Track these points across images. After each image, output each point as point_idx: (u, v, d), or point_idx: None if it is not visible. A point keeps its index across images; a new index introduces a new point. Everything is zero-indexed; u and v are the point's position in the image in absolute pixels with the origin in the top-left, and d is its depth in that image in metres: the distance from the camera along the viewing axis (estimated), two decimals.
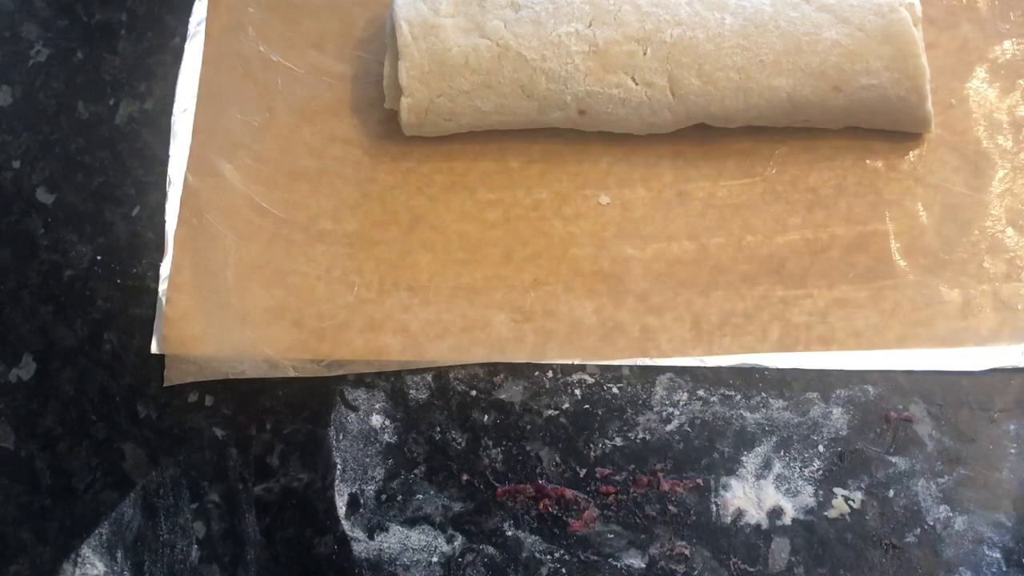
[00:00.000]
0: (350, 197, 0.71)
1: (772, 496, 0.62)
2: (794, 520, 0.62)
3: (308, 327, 0.67)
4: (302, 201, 0.71)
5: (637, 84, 0.67)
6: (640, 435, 0.64)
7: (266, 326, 0.67)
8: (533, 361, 0.66)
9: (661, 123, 0.68)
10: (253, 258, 0.69)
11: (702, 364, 0.65)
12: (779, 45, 0.66)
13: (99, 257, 0.71)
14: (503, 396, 0.65)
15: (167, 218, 0.70)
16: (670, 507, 0.62)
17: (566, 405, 0.65)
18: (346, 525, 0.63)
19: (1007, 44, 0.72)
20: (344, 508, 0.63)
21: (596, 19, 0.67)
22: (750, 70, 0.66)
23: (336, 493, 0.64)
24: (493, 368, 0.66)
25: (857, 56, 0.66)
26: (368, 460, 0.64)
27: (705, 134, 0.70)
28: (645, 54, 0.66)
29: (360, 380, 0.66)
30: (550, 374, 0.66)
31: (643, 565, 0.61)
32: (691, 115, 0.68)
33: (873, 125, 0.68)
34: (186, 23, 0.75)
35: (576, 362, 0.66)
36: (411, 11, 0.68)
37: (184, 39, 0.75)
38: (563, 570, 0.61)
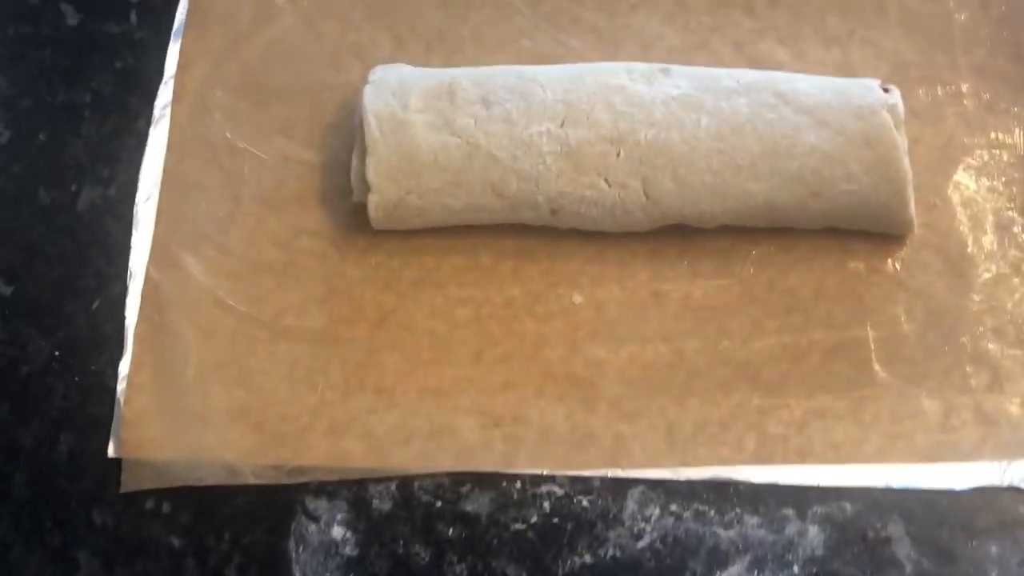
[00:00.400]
0: (316, 292, 0.69)
1: None
2: None
3: (270, 430, 0.65)
4: (267, 296, 0.69)
5: (610, 186, 0.65)
6: (610, 552, 0.62)
7: (227, 429, 0.65)
8: (501, 470, 0.64)
9: (635, 224, 0.67)
10: (215, 356, 0.67)
11: (675, 477, 0.63)
12: (756, 149, 0.64)
13: (58, 352, 0.69)
14: (469, 508, 0.63)
15: (127, 313, 0.68)
16: None
17: (534, 519, 0.63)
18: None
19: (993, 139, 0.70)
20: None
21: (568, 118, 0.65)
22: (726, 174, 0.64)
23: None
24: (459, 477, 0.64)
25: (837, 161, 0.64)
26: (328, 574, 0.62)
27: (681, 232, 0.68)
28: (619, 155, 0.65)
29: (322, 488, 0.64)
30: (518, 484, 0.64)
31: None
32: (666, 216, 0.66)
33: (854, 227, 0.67)
34: (151, 105, 0.74)
35: (546, 472, 0.64)
36: (380, 105, 0.67)
37: (149, 122, 0.73)
38: None
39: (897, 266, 0.67)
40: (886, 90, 0.66)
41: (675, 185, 0.64)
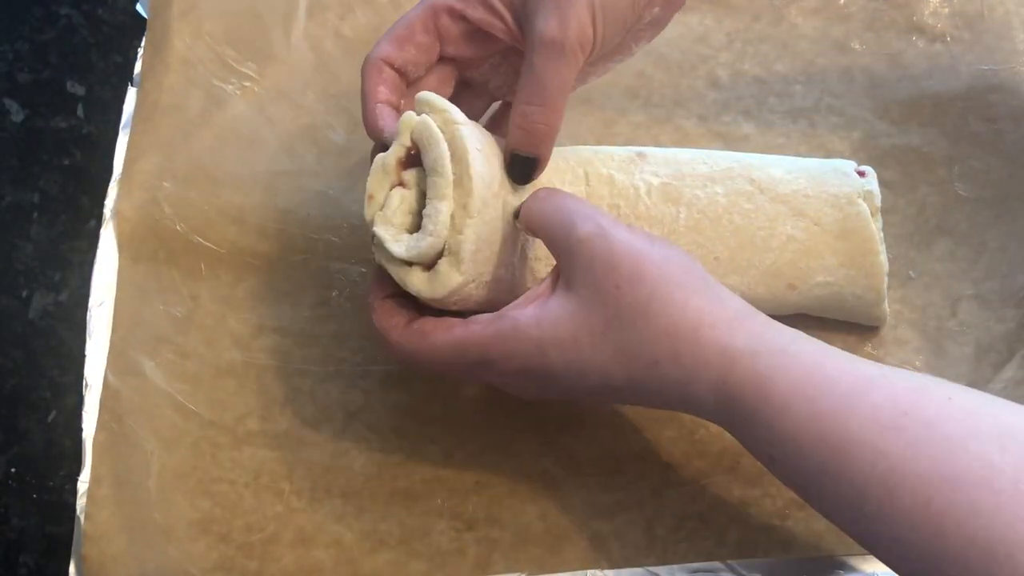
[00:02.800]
0: (279, 393, 0.67)
1: None
2: None
3: (235, 541, 0.64)
4: (228, 399, 0.67)
5: None
6: None
7: (191, 542, 0.64)
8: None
9: None
10: (177, 465, 0.66)
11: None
12: (733, 242, 0.63)
13: (13, 469, 0.67)
14: None
15: (85, 425, 0.66)
16: None
17: None
18: None
19: (968, 205, 0.70)
20: None
21: None
22: (704, 267, 0.62)
23: None
24: None
25: (812, 253, 0.63)
26: None
27: None
28: None
29: None
30: None
31: None
32: None
33: (826, 316, 0.66)
34: (102, 205, 0.72)
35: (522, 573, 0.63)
36: (485, 169, 0.58)
37: (100, 222, 0.71)
38: None
39: (873, 344, 0.66)
40: (861, 173, 0.65)
41: None
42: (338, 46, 0.76)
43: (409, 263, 0.57)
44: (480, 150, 0.57)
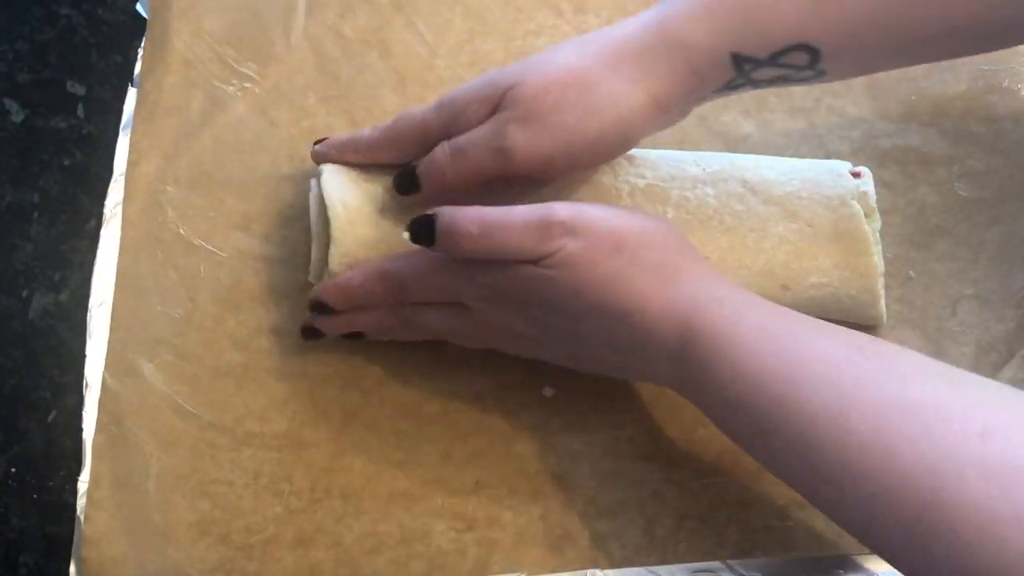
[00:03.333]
0: (278, 394, 0.67)
1: None
2: None
3: (235, 543, 0.64)
4: (227, 401, 0.67)
5: None
6: None
7: (191, 544, 0.64)
8: None
9: None
10: (176, 467, 0.66)
11: None
12: (723, 242, 0.63)
13: (13, 469, 0.67)
14: None
15: (85, 425, 0.67)
16: None
17: None
18: None
19: (967, 204, 0.70)
20: None
21: None
22: None
23: None
24: None
25: (806, 254, 0.63)
26: None
27: None
28: None
29: None
30: None
31: None
32: None
33: (822, 317, 0.65)
34: (102, 205, 0.72)
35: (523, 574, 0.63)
36: (347, 193, 0.65)
37: (100, 222, 0.72)
38: None
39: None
40: (856, 174, 0.65)
41: None
42: (338, 46, 0.76)
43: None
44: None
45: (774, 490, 0.63)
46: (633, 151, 0.65)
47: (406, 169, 0.64)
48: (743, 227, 0.63)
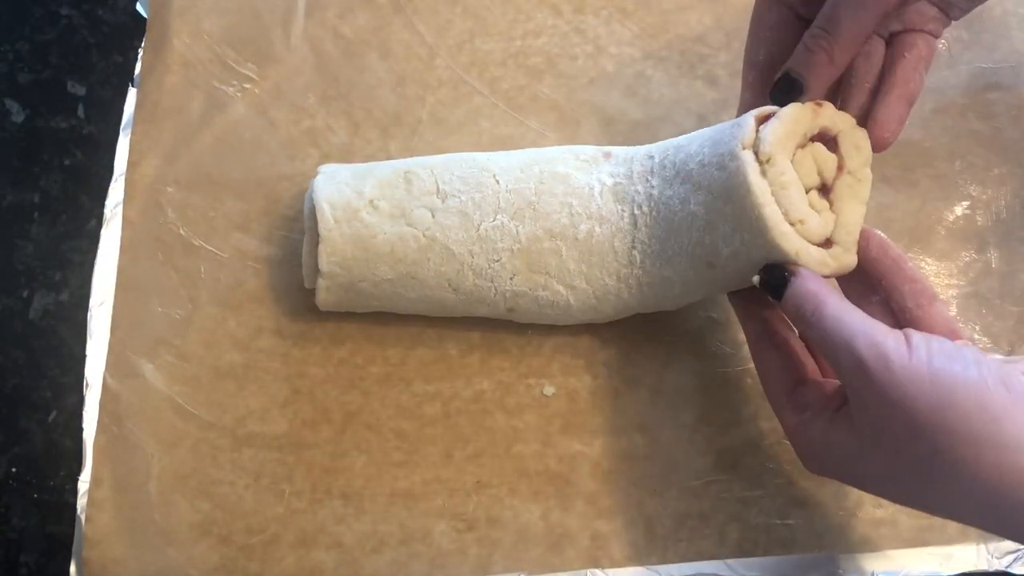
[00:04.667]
0: (279, 394, 0.68)
1: None
2: None
3: (236, 543, 0.64)
4: (228, 401, 0.68)
5: (561, 286, 0.63)
6: None
7: (192, 544, 0.64)
8: None
9: (594, 319, 0.66)
10: (177, 468, 0.66)
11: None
12: (661, 232, 0.61)
13: (14, 469, 0.68)
14: None
15: (85, 425, 0.67)
16: None
17: None
18: None
19: (967, 206, 0.70)
20: None
21: (518, 211, 0.63)
22: (647, 264, 0.62)
23: None
24: None
25: (711, 226, 0.58)
26: None
27: (650, 315, 0.67)
28: (563, 253, 0.63)
29: None
30: None
31: None
32: (619, 312, 0.65)
33: None
34: (102, 205, 0.73)
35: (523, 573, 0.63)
36: (334, 193, 0.66)
37: (100, 222, 0.72)
38: None
39: None
40: (764, 118, 0.57)
41: (614, 281, 0.63)
42: (338, 46, 0.77)
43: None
44: None
45: (775, 490, 0.64)
46: (612, 149, 0.65)
47: (781, 76, 0.59)
48: (672, 212, 0.61)
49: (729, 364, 0.67)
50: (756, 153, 0.56)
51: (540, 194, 0.63)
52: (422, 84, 0.76)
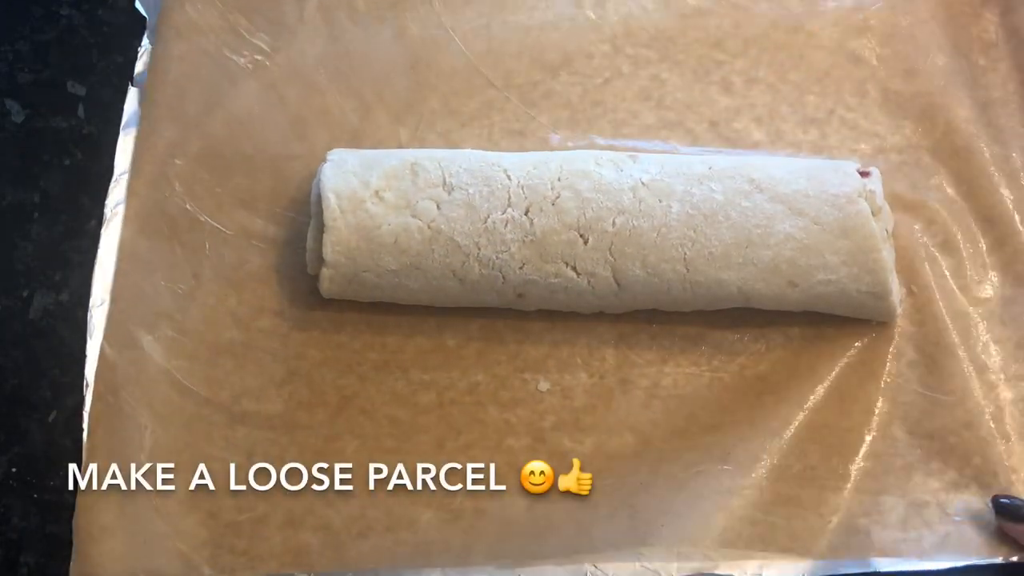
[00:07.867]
0: (276, 374, 0.69)
1: None
2: None
3: (224, 520, 0.66)
4: (225, 378, 0.69)
5: (579, 274, 0.66)
6: None
7: (181, 518, 0.66)
8: (458, 566, 0.64)
9: (607, 307, 0.68)
10: (170, 441, 0.68)
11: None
12: (728, 237, 0.65)
13: (14, 469, 0.69)
14: None
15: (85, 424, 0.68)
16: None
17: None
18: None
19: (973, 223, 0.70)
20: None
21: (533, 205, 0.66)
22: (697, 262, 0.65)
23: None
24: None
25: (812, 251, 0.65)
26: None
27: (651, 316, 0.69)
28: (586, 244, 0.65)
29: None
30: None
31: None
32: (637, 302, 0.68)
33: (835, 313, 0.67)
34: (102, 205, 0.73)
35: (506, 564, 0.64)
36: (340, 182, 0.67)
37: (100, 222, 0.73)
38: None
39: (871, 356, 0.68)
40: (865, 174, 0.67)
41: (645, 273, 0.65)
42: (351, 19, 0.78)
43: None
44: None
45: (763, 483, 0.65)
46: (637, 153, 0.67)
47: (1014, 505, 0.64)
48: (748, 223, 0.65)
49: (725, 369, 0.68)
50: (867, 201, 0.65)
51: (559, 190, 0.66)
52: (434, 70, 0.77)
